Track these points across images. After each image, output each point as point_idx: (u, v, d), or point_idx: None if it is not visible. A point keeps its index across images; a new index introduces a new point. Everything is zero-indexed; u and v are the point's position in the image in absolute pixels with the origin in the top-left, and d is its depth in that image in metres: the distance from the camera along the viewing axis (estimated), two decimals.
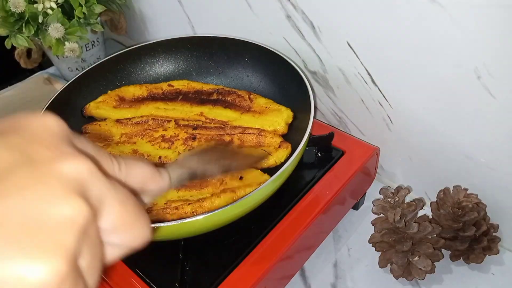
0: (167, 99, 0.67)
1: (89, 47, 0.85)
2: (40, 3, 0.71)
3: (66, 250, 0.16)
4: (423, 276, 0.53)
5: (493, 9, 0.43)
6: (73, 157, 0.18)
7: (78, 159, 0.19)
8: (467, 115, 0.52)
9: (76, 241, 0.17)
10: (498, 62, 0.46)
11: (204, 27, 0.79)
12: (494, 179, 0.55)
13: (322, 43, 0.61)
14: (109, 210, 0.19)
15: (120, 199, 0.20)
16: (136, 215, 0.21)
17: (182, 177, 0.32)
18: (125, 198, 0.20)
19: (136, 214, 0.21)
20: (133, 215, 0.21)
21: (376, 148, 0.59)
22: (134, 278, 0.48)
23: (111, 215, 0.20)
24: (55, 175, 0.17)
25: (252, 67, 0.68)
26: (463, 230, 0.54)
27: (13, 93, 0.89)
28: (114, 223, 0.20)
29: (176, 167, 0.32)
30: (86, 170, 0.18)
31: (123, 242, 0.21)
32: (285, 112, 0.61)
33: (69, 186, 0.17)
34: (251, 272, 0.47)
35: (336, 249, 0.61)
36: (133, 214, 0.21)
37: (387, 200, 0.54)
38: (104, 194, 0.19)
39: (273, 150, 0.56)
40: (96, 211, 0.19)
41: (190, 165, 0.34)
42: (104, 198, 0.19)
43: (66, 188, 0.17)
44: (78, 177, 0.18)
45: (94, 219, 0.18)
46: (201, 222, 0.44)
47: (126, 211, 0.20)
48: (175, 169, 0.31)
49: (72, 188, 0.17)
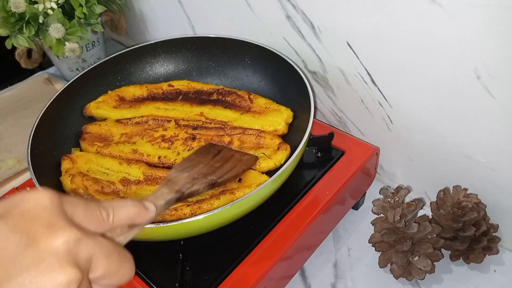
0: (167, 99, 0.67)
1: (89, 47, 0.85)
2: (41, 4, 0.71)
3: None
4: (423, 276, 0.53)
5: (493, 9, 0.43)
6: (62, 231, 0.23)
7: (66, 232, 0.23)
8: (467, 115, 0.52)
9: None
10: (498, 62, 0.46)
11: (204, 27, 0.79)
12: (494, 179, 0.55)
13: (322, 43, 0.61)
14: (97, 265, 0.25)
15: (104, 253, 0.25)
16: (120, 261, 0.26)
17: (169, 201, 0.35)
18: (109, 251, 0.25)
19: (120, 261, 0.26)
20: (118, 263, 0.26)
21: (376, 148, 0.59)
22: (134, 278, 0.48)
23: (100, 267, 0.25)
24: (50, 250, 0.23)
25: (252, 67, 0.68)
26: (463, 230, 0.54)
27: (13, 93, 0.89)
28: (103, 273, 0.25)
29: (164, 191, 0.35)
30: (74, 239, 0.23)
31: (112, 283, 0.26)
32: (285, 112, 0.61)
33: (62, 258, 0.23)
34: (251, 272, 0.47)
35: (336, 249, 0.61)
36: (118, 261, 0.26)
37: (387, 200, 0.54)
38: (92, 254, 0.24)
39: (272, 151, 0.56)
40: (87, 269, 0.24)
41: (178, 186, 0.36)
42: (91, 257, 0.24)
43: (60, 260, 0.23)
44: (68, 248, 0.23)
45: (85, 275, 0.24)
46: (201, 222, 0.44)
47: (112, 261, 0.26)
48: (163, 193, 0.34)
49: (65, 258, 0.23)
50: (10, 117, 0.83)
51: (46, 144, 0.59)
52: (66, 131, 0.63)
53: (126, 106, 0.66)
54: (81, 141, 0.62)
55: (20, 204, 0.24)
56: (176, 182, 0.37)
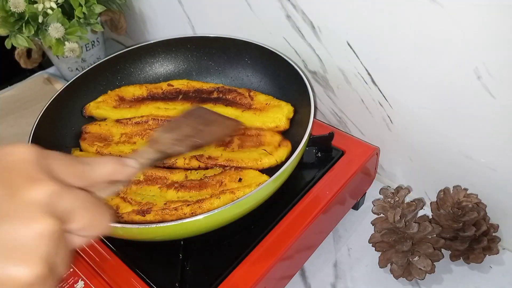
0: (167, 98, 0.67)
1: (89, 47, 0.85)
2: (40, 3, 0.71)
3: (41, 256, 0.23)
4: (423, 276, 0.53)
5: (493, 9, 0.43)
6: (41, 183, 0.24)
7: (45, 184, 0.24)
8: (467, 115, 0.52)
9: (48, 248, 0.23)
10: (498, 62, 0.46)
11: (204, 27, 0.79)
12: (494, 179, 0.55)
13: (322, 43, 0.61)
14: (75, 217, 0.26)
15: (83, 206, 0.26)
16: (97, 214, 0.27)
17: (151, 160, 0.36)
18: (87, 205, 0.26)
19: (97, 214, 0.27)
20: (95, 215, 0.27)
21: (376, 148, 0.59)
22: (134, 278, 0.48)
23: (77, 220, 0.26)
24: (30, 201, 0.24)
25: (252, 67, 0.68)
26: (463, 230, 0.54)
27: (13, 93, 0.89)
28: (81, 225, 0.26)
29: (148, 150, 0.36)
30: (52, 191, 0.24)
31: (90, 234, 0.27)
32: (285, 107, 0.61)
33: (40, 208, 0.24)
34: (251, 272, 0.47)
35: (336, 249, 0.61)
36: (95, 215, 0.27)
37: (387, 200, 0.54)
38: (70, 206, 0.25)
39: (273, 148, 0.56)
40: (64, 220, 0.25)
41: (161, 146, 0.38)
42: (70, 209, 0.25)
43: (38, 210, 0.23)
44: (46, 199, 0.24)
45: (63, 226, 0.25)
46: (201, 222, 0.44)
47: (88, 214, 0.26)
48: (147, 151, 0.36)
49: (43, 209, 0.24)
50: (10, 117, 0.83)
51: (46, 144, 0.59)
52: (66, 131, 0.63)
53: (126, 106, 0.66)
54: (81, 141, 0.62)
55: (2, 158, 0.25)
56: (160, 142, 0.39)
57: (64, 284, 0.49)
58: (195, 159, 0.57)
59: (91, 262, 0.50)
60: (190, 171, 0.56)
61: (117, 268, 0.49)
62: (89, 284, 0.48)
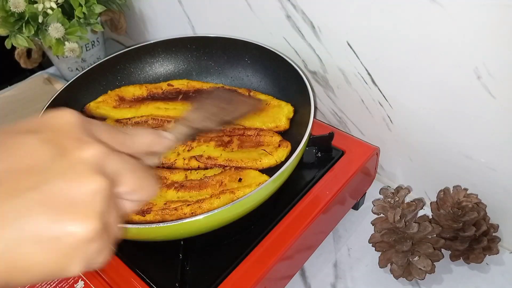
0: (167, 98, 0.67)
1: (89, 47, 0.85)
2: (40, 3, 0.71)
3: (97, 212, 0.23)
4: (423, 276, 0.53)
5: (493, 9, 0.43)
6: (91, 144, 0.25)
7: (94, 145, 0.25)
8: (467, 115, 0.52)
9: (103, 206, 0.24)
10: (498, 62, 0.46)
11: (204, 27, 0.79)
12: (494, 179, 0.55)
13: (322, 43, 0.61)
14: (123, 179, 0.26)
15: (130, 169, 0.27)
16: (145, 178, 0.28)
17: (186, 133, 0.38)
18: (134, 168, 0.27)
19: (145, 177, 0.28)
20: (142, 179, 0.27)
21: (376, 148, 0.59)
22: (134, 278, 0.48)
23: (126, 182, 0.26)
24: (81, 160, 0.24)
25: (252, 67, 0.68)
26: (463, 230, 0.54)
27: (13, 93, 0.89)
28: (129, 187, 0.27)
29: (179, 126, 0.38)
30: (102, 153, 0.25)
31: (138, 198, 0.28)
32: (285, 107, 0.61)
33: (92, 168, 0.24)
34: (251, 272, 0.47)
35: (336, 249, 0.61)
36: (142, 178, 0.27)
37: (387, 200, 0.54)
38: (118, 168, 0.26)
39: (272, 148, 0.56)
40: (114, 182, 0.25)
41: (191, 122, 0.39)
42: (118, 171, 0.26)
43: (90, 169, 0.24)
44: (96, 160, 0.24)
45: (113, 187, 0.25)
46: (201, 222, 0.44)
47: (136, 177, 0.27)
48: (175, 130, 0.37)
49: (94, 168, 0.24)
50: (10, 117, 0.83)
51: None
52: None
53: (126, 106, 0.66)
54: None
55: (50, 121, 0.26)
56: (189, 119, 0.40)
57: (64, 284, 0.49)
58: (195, 159, 0.57)
59: None
60: (190, 171, 0.56)
61: (117, 268, 0.49)
62: (89, 284, 0.48)
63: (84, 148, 0.24)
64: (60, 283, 0.49)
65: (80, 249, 0.23)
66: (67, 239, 0.23)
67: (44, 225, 0.22)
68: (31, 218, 0.22)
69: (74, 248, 0.23)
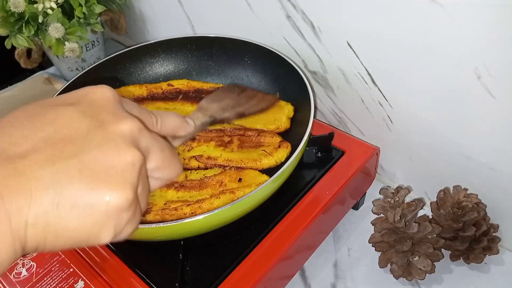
0: (167, 98, 0.67)
1: (89, 47, 0.85)
2: (40, 3, 0.71)
3: (131, 183, 0.24)
4: (423, 276, 0.53)
5: (493, 9, 0.43)
6: (127, 119, 0.26)
7: (130, 120, 0.26)
8: (467, 115, 0.52)
9: (137, 178, 0.25)
10: (498, 62, 0.46)
11: (204, 27, 0.79)
12: (494, 179, 0.55)
13: (322, 43, 0.61)
14: (153, 155, 0.27)
15: (160, 147, 0.28)
16: (171, 157, 0.29)
17: (204, 122, 0.38)
18: (163, 146, 0.28)
19: (171, 157, 0.29)
20: (169, 158, 0.29)
21: (376, 148, 0.59)
22: (134, 278, 0.48)
23: (155, 158, 0.27)
24: (118, 133, 0.25)
25: (252, 67, 0.68)
26: (463, 230, 0.54)
27: (13, 93, 0.89)
28: (157, 164, 0.28)
29: (199, 115, 0.38)
30: (137, 128, 0.26)
31: (163, 176, 0.29)
32: (285, 107, 0.61)
33: (128, 141, 0.25)
34: (251, 272, 0.47)
35: (336, 249, 0.61)
36: (169, 156, 0.29)
37: (387, 200, 0.54)
38: (149, 145, 0.27)
39: (273, 150, 0.56)
40: (145, 157, 0.26)
41: (211, 112, 0.40)
42: (149, 147, 0.27)
43: (126, 142, 0.25)
44: (132, 134, 0.25)
45: (144, 162, 0.26)
46: (201, 222, 0.44)
47: (165, 155, 0.28)
48: (199, 116, 0.38)
49: (130, 142, 0.25)
50: None
51: None
52: None
53: None
54: None
55: (88, 95, 0.27)
56: (208, 109, 0.41)
57: (64, 284, 0.49)
58: (195, 159, 0.57)
59: (91, 262, 0.50)
60: (190, 171, 0.56)
61: (117, 268, 0.49)
62: (89, 284, 0.48)
63: (121, 122, 0.25)
64: (60, 283, 0.49)
65: (113, 217, 0.24)
66: (102, 206, 0.23)
67: (81, 192, 0.23)
68: (69, 185, 0.23)
69: (107, 216, 0.24)
